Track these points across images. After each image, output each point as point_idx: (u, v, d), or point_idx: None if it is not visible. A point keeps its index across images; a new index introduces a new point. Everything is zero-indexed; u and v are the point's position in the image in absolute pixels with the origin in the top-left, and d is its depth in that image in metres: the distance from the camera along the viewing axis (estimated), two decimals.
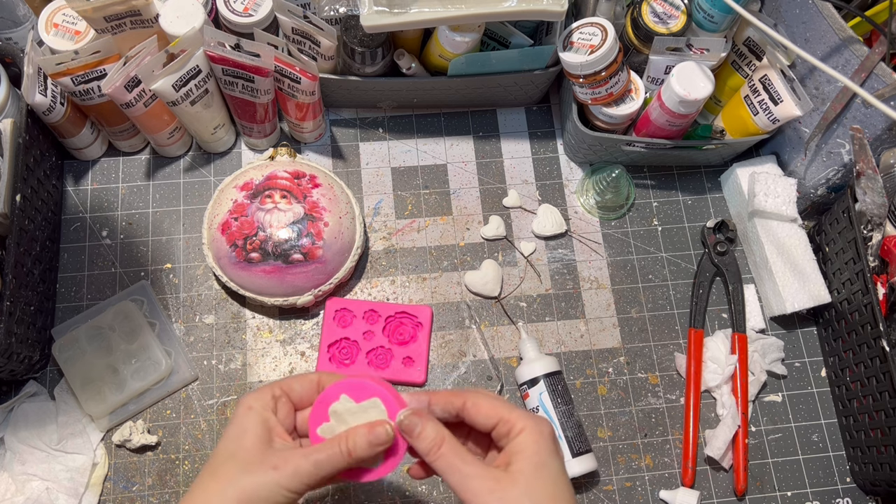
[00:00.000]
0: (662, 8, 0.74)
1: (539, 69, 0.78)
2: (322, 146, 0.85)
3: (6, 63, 0.74)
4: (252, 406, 0.48)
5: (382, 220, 0.82)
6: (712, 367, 0.76)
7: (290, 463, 0.46)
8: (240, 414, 0.48)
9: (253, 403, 0.48)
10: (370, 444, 0.47)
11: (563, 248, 0.82)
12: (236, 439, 0.47)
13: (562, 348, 0.78)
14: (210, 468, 0.47)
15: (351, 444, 0.47)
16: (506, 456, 0.47)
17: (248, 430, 0.47)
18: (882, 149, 0.71)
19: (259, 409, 0.48)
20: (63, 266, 0.78)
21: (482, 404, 0.49)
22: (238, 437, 0.47)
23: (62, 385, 0.73)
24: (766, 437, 0.75)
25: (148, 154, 0.83)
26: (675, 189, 0.85)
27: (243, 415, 0.48)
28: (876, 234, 0.71)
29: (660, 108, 0.74)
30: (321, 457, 0.46)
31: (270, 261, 0.71)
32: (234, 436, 0.47)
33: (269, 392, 0.49)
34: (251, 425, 0.47)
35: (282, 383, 0.50)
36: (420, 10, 0.66)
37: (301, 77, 0.71)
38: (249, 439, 0.47)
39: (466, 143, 0.86)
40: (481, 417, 0.49)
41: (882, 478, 0.69)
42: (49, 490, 0.68)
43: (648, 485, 0.73)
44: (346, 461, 0.47)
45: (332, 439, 0.48)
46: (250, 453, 0.46)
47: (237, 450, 0.47)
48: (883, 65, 0.65)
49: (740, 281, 0.79)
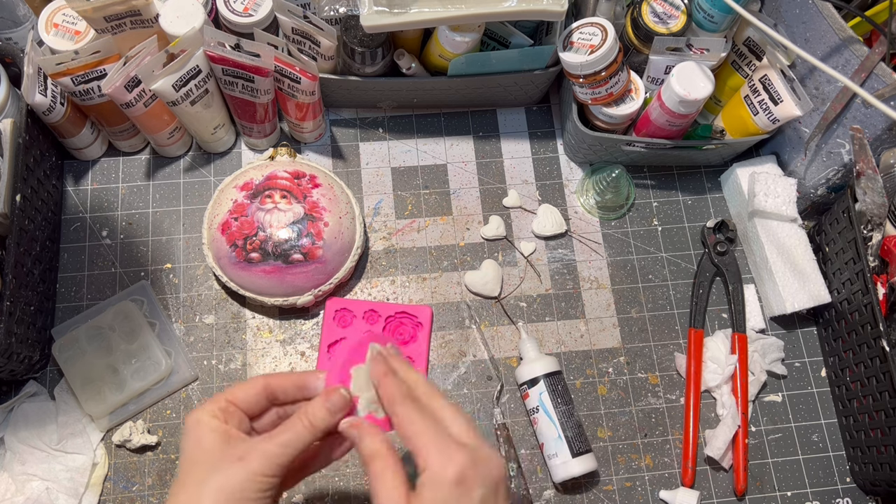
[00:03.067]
0: (662, 8, 0.74)
1: (539, 69, 0.78)
2: (322, 146, 0.85)
3: (6, 63, 0.74)
4: (200, 419, 0.47)
5: (382, 220, 0.82)
6: (712, 367, 0.76)
7: (255, 450, 0.46)
8: (190, 427, 0.48)
9: (200, 416, 0.48)
10: (329, 411, 0.48)
11: (563, 248, 0.82)
12: (193, 449, 0.47)
13: (562, 348, 0.78)
14: (177, 483, 0.47)
15: (311, 416, 0.48)
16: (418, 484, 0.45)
17: (203, 437, 0.47)
18: (882, 149, 0.71)
19: (207, 420, 0.47)
20: (63, 266, 0.78)
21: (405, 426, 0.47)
22: (194, 446, 0.47)
23: (62, 385, 0.73)
24: (766, 437, 0.75)
25: (148, 154, 0.83)
26: (675, 189, 0.85)
27: (193, 427, 0.47)
28: (876, 234, 0.71)
29: (660, 108, 0.74)
30: (286, 436, 0.47)
31: (270, 261, 0.71)
32: (190, 446, 0.47)
33: (214, 404, 0.48)
34: (204, 432, 0.47)
35: (226, 394, 0.50)
36: (420, 10, 0.66)
37: (301, 77, 0.71)
38: (207, 443, 0.46)
39: (466, 143, 0.86)
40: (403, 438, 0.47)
41: (882, 478, 0.69)
42: (49, 490, 0.68)
43: (648, 485, 0.73)
44: (311, 433, 0.47)
45: (292, 417, 0.48)
46: (212, 454, 0.46)
47: (197, 456, 0.46)
48: (883, 65, 0.65)
49: (740, 281, 0.79)
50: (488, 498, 0.44)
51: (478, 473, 0.44)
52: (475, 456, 0.45)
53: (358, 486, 0.71)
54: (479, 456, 0.45)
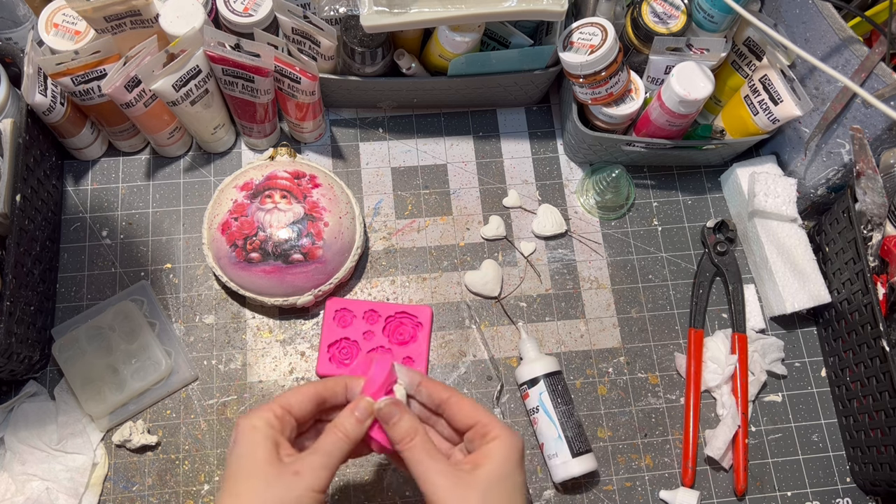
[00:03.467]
0: (662, 8, 0.74)
1: (539, 69, 0.78)
2: (322, 146, 0.85)
3: (6, 63, 0.74)
4: (256, 425, 0.49)
5: (382, 220, 0.82)
6: (712, 367, 0.76)
7: (307, 465, 0.48)
8: (245, 433, 0.49)
9: (256, 423, 0.49)
10: (358, 420, 0.51)
11: (563, 248, 0.82)
12: (248, 457, 0.48)
13: (562, 348, 0.78)
14: (229, 491, 0.47)
15: (342, 428, 0.50)
16: (474, 458, 0.49)
17: (258, 447, 0.48)
18: (882, 149, 0.71)
19: (263, 428, 0.49)
20: (63, 266, 0.78)
21: (465, 404, 0.52)
22: (249, 454, 0.48)
23: (62, 385, 0.73)
24: (766, 437, 0.75)
25: (148, 154, 0.83)
26: (675, 189, 0.85)
27: (249, 433, 0.48)
28: (876, 234, 0.71)
29: (660, 108, 0.74)
30: (329, 446, 0.49)
31: (270, 261, 0.71)
32: (245, 454, 0.48)
33: (269, 411, 0.50)
34: (259, 442, 0.48)
35: (280, 401, 0.51)
36: (420, 10, 0.66)
37: (301, 77, 0.71)
38: (261, 455, 0.47)
39: (466, 143, 0.86)
40: (462, 415, 0.51)
41: (882, 478, 0.69)
42: (49, 490, 0.68)
43: (648, 485, 0.73)
44: (348, 443, 0.50)
45: (327, 430, 0.51)
46: (267, 468, 0.47)
47: (252, 467, 0.47)
48: (883, 65, 0.65)
49: (740, 281, 0.79)
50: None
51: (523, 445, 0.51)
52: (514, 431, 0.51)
53: (358, 487, 0.71)
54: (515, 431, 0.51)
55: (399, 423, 0.51)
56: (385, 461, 0.72)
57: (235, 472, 0.48)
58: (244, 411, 0.74)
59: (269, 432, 0.48)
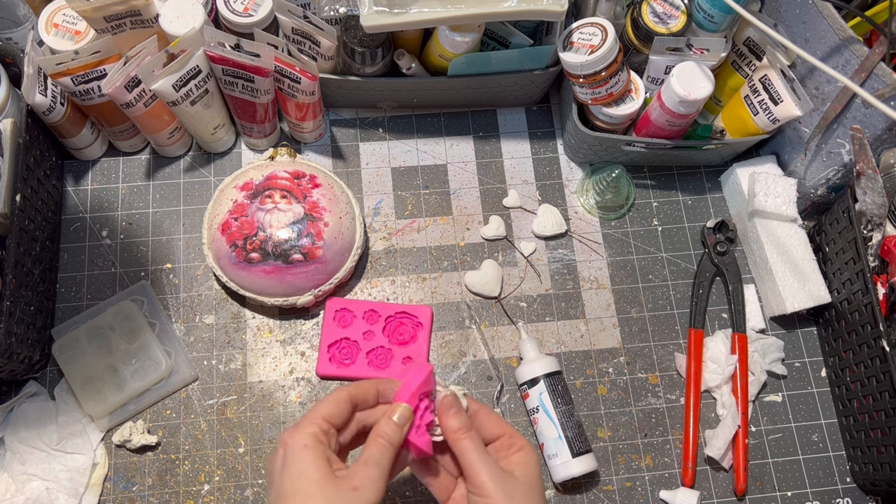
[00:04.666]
0: (662, 8, 0.74)
1: (539, 69, 0.78)
2: (322, 146, 0.85)
3: (6, 63, 0.74)
4: (307, 444, 0.48)
5: (382, 220, 0.82)
6: (712, 367, 0.76)
7: (361, 477, 0.48)
8: (297, 452, 0.48)
9: (307, 441, 0.49)
10: (397, 425, 0.51)
11: (563, 248, 0.82)
12: (304, 478, 0.47)
13: (562, 348, 0.78)
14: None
15: (384, 434, 0.51)
16: (506, 465, 0.53)
17: (312, 466, 0.48)
18: (882, 149, 0.71)
19: (314, 446, 0.49)
20: (63, 266, 0.78)
21: (493, 416, 0.56)
22: (304, 474, 0.47)
23: (62, 385, 0.73)
24: (766, 437, 0.75)
25: (148, 154, 0.83)
26: (675, 189, 0.85)
27: (300, 453, 0.48)
28: (876, 234, 0.71)
29: (660, 108, 0.74)
30: (377, 456, 0.50)
31: (270, 261, 0.71)
32: (300, 474, 0.48)
33: (315, 426, 0.50)
34: (312, 461, 0.48)
35: (322, 413, 0.51)
36: (420, 10, 0.66)
37: (301, 77, 0.71)
38: (316, 475, 0.47)
39: (466, 143, 0.86)
40: (490, 426, 0.55)
41: (882, 478, 0.69)
42: (49, 490, 0.68)
43: (648, 485, 0.73)
44: (391, 449, 0.51)
45: (370, 439, 0.51)
46: (326, 487, 0.47)
47: (311, 487, 0.47)
48: (883, 65, 0.65)
49: (740, 281, 0.79)
50: None
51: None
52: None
53: None
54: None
55: (458, 414, 0.53)
56: None
57: (293, 493, 0.47)
58: (244, 411, 0.74)
59: (320, 449, 0.49)
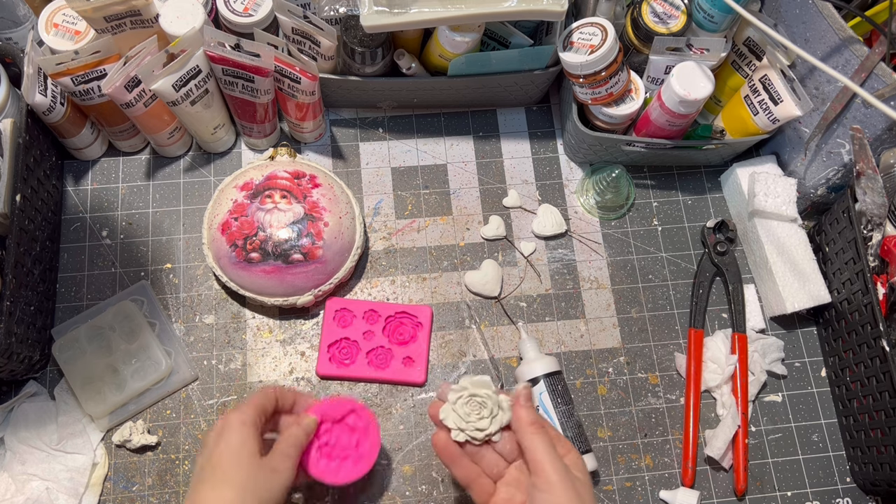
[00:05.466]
0: (662, 8, 0.74)
1: (539, 69, 0.78)
2: (322, 146, 0.85)
3: (6, 63, 0.74)
4: (246, 421, 0.56)
5: (382, 220, 0.82)
6: (712, 367, 0.76)
7: (279, 463, 0.56)
8: (235, 427, 0.56)
9: (246, 419, 0.56)
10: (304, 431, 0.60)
11: (563, 248, 0.82)
12: (238, 450, 0.55)
13: (562, 348, 0.78)
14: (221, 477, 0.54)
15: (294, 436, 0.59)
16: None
17: (247, 442, 0.55)
18: (882, 149, 0.71)
19: (250, 423, 0.56)
20: (63, 266, 0.78)
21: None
22: (238, 447, 0.55)
23: (62, 385, 0.73)
24: (766, 437, 0.75)
25: (148, 154, 0.83)
26: (675, 189, 0.85)
27: (240, 428, 0.56)
28: (876, 234, 0.71)
29: (660, 108, 0.74)
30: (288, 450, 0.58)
31: (270, 261, 0.71)
32: (235, 446, 0.55)
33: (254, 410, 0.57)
34: (246, 436, 0.55)
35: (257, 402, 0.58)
36: (420, 10, 0.66)
37: (301, 77, 0.71)
38: (249, 450, 0.55)
39: (466, 143, 0.86)
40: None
41: (882, 478, 0.69)
42: (49, 490, 0.68)
43: (648, 485, 0.73)
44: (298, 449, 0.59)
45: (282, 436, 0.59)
46: (253, 461, 0.54)
47: (241, 459, 0.54)
48: (883, 65, 0.65)
49: (740, 281, 0.79)
50: None
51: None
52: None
53: (358, 487, 0.71)
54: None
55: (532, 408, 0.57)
56: (386, 460, 0.72)
57: (226, 460, 0.54)
58: None
59: (253, 431, 0.56)
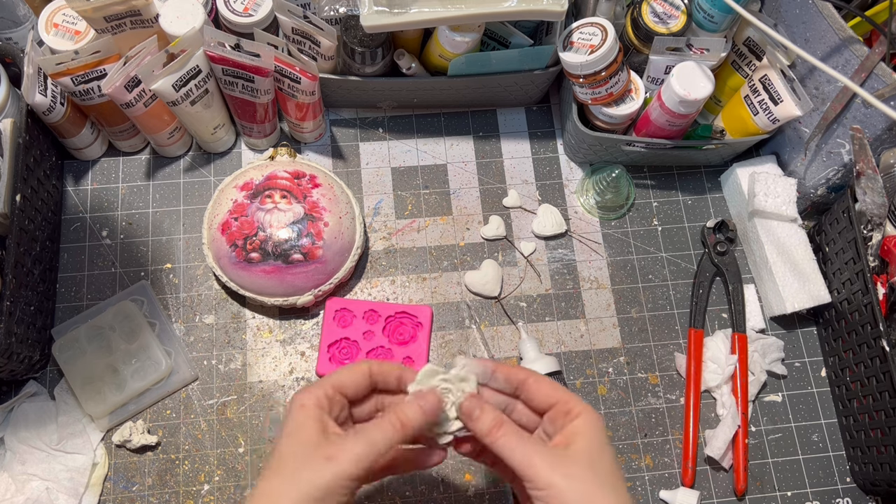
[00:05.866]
0: (662, 8, 0.74)
1: (539, 69, 0.78)
2: (322, 146, 0.85)
3: (6, 63, 0.74)
4: (305, 404, 0.48)
5: (382, 220, 0.82)
6: (712, 367, 0.76)
7: (343, 450, 0.46)
8: (294, 411, 0.48)
9: (305, 401, 0.48)
10: (423, 411, 0.48)
11: (563, 248, 0.82)
12: (293, 436, 0.47)
13: (562, 348, 0.78)
14: (273, 468, 0.47)
15: (402, 416, 0.48)
16: (564, 437, 0.48)
17: (303, 427, 0.47)
18: (882, 149, 0.71)
19: (311, 406, 0.48)
20: (63, 266, 0.78)
21: (544, 383, 0.50)
22: (294, 433, 0.47)
23: (62, 385, 0.73)
24: (766, 437, 0.75)
25: (148, 154, 0.83)
26: (675, 189, 0.85)
27: (297, 412, 0.48)
28: (876, 234, 0.71)
29: (660, 108, 0.74)
30: (375, 436, 0.47)
31: (270, 261, 0.71)
32: (290, 433, 0.47)
33: (321, 390, 0.49)
34: (305, 421, 0.47)
35: (332, 380, 0.50)
36: (420, 10, 0.66)
37: (301, 77, 0.71)
38: (305, 435, 0.47)
39: (466, 143, 0.86)
40: (541, 396, 0.50)
41: (882, 478, 0.69)
42: (49, 490, 0.68)
43: (648, 485, 0.73)
44: (401, 434, 0.47)
45: (383, 416, 0.49)
46: (307, 448, 0.46)
47: (294, 446, 0.47)
48: (883, 65, 0.65)
49: (740, 281, 0.79)
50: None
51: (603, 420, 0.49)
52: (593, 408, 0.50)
53: None
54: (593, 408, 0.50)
55: (482, 417, 0.49)
56: None
57: (282, 449, 0.47)
58: (244, 411, 0.74)
59: (315, 412, 0.47)
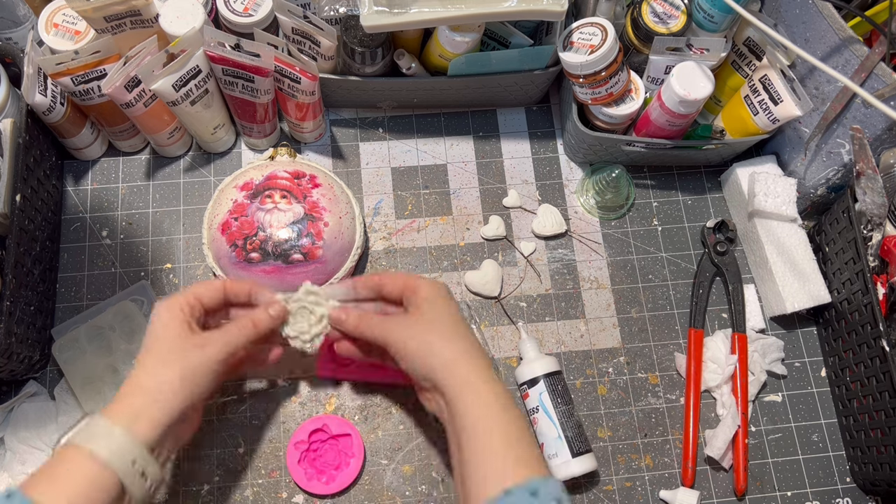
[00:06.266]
0: (662, 8, 0.74)
1: (539, 69, 0.78)
2: (322, 146, 0.85)
3: (6, 63, 0.74)
4: (171, 306, 0.57)
5: (382, 220, 0.82)
6: (712, 367, 0.76)
7: (211, 340, 0.56)
8: (159, 314, 0.56)
9: (172, 305, 0.57)
10: (271, 317, 0.61)
11: (563, 248, 0.82)
12: (162, 330, 0.56)
13: (562, 348, 0.78)
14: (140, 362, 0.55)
15: (255, 319, 0.60)
16: (415, 309, 0.58)
17: (170, 326, 0.56)
18: (882, 149, 0.71)
19: (176, 310, 0.56)
20: (63, 266, 0.78)
21: (394, 276, 0.61)
22: (162, 331, 0.56)
23: (62, 385, 0.73)
24: (766, 437, 0.75)
25: (148, 154, 0.83)
26: (675, 189, 0.85)
27: (164, 313, 0.56)
28: (876, 234, 0.71)
29: (660, 108, 0.74)
30: (235, 331, 0.58)
31: (270, 261, 0.71)
32: (159, 331, 0.56)
33: (183, 297, 0.58)
34: (169, 319, 0.56)
35: (193, 290, 0.59)
36: (420, 10, 0.66)
37: (301, 77, 0.71)
38: (172, 332, 0.55)
39: (466, 143, 0.86)
40: (394, 285, 0.61)
41: (882, 478, 0.69)
42: None
43: (648, 485, 0.73)
44: (254, 332, 0.59)
45: (239, 318, 0.60)
46: (176, 338, 0.55)
47: (164, 337, 0.55)
48: (883, 65, 0.65)
49: (740, 281, 0.79)
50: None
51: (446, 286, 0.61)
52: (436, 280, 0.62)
53: (358, 487, 0.71)
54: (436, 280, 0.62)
55: (348, 318, 0.60)
56: (386, 460, 0.72)
57: (150, 338, 0.56)
58: (244, 411, 0.74)
59: (181, 315, 0.56)
